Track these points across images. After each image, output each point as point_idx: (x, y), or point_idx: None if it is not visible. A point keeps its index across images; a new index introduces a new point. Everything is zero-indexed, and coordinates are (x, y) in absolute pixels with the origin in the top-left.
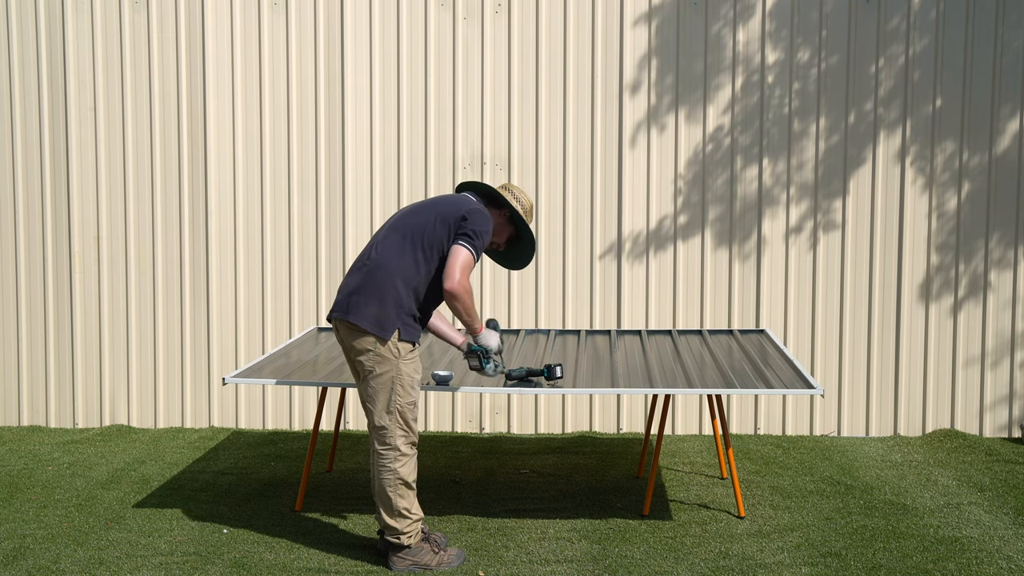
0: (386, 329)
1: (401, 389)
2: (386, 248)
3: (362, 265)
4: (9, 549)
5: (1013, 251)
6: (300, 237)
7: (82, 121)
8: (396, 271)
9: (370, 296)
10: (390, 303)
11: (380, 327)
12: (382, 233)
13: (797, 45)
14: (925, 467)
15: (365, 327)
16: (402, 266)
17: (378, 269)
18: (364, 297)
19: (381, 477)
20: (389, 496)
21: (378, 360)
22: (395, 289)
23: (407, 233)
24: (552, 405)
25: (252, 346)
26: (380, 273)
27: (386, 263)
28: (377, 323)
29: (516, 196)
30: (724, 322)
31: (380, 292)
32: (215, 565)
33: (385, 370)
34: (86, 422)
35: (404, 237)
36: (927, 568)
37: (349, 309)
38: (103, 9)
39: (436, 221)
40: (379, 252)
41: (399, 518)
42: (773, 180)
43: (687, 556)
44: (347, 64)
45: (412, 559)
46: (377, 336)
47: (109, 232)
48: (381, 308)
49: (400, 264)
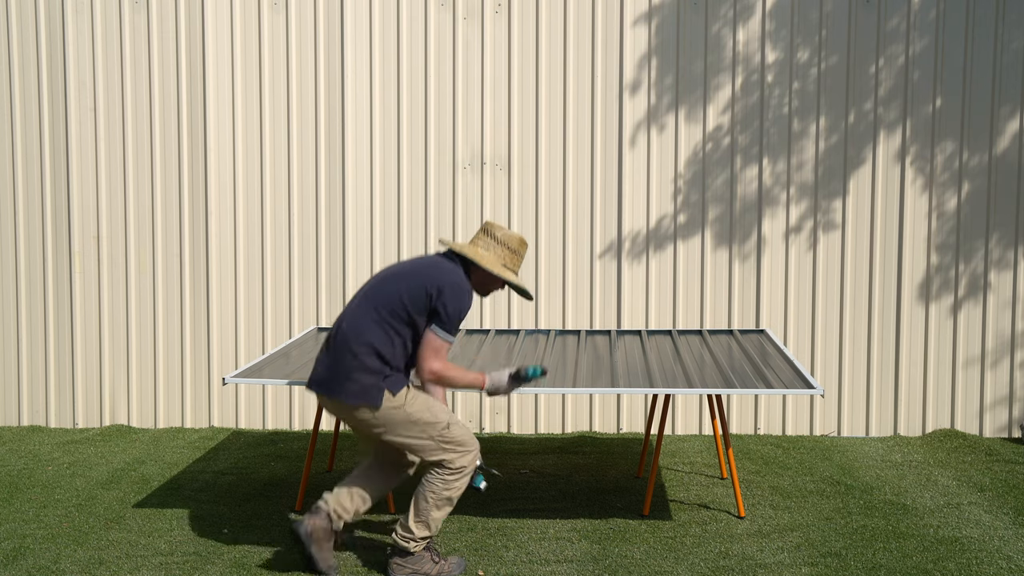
0: (373, 397)
1: (425, 424)
2: (358, 321)
3: (335, 337)
4: (9, 549)
5: (1013, 251)
6: (300, 237)
7: (82, 121)
8: (369, 344)
9: (347, 372)
10: (368, 375)
11: (367, 397)
12: (355, 301)
13: (797, 45)
14: (925, 467)
15: (352, 403)
16: (375, 339)
17: (352, 343)
18: (342, 373)
19: (431, 484)
20: (429, 504)
21: (382, 419)
22: (371, 360)
23: (379, 305)
24: (552, 405)
25: (252, 346)
26: (354, 347)
27: (358, 335)
28: (362, 395)
29: (500, 239)
30: (724, 322)
31: (357, 366)
32: (215, 565)
33: (395, 422)
34: (86, 422)
35: (376, 309)
36: (927, 568)
37: (331, 388)
38: (103, 9)
39: (410, 291)
40: (350, 326)
41: (424, 527)
42: (773, 180)
43: (687, 556)
44: (347, 64)
45: (412, 567)
46: (367, 405)
47: (109, 232)
48: (361, 382)
49: (372, 337)
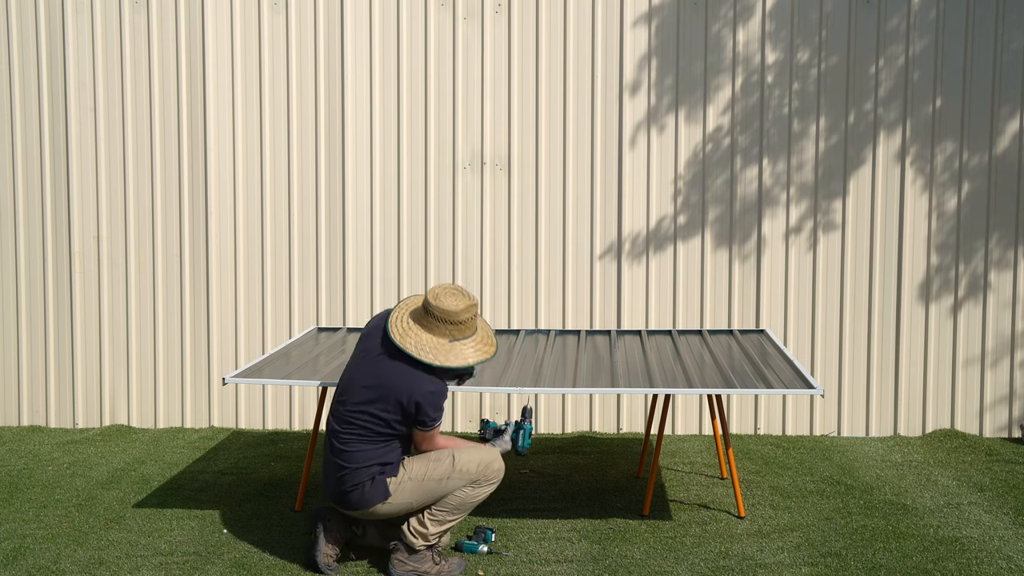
0: (381, 494)
1: (439, 477)
2: (349, 441)
3: (328, 448)
4: (9, 549)
5: (1013, 251)
6: (300, 237)
7: (82, 121)
8: (366, 459)
9: (354, 486)
10: (372, 484)
11: (376, 499)
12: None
13: (797, 45)
14: (925, 467)
15: (364, 507)
16: (370, 454)
17: (349, 463)
18: (349, 487)
19: (456, 491)
20: (446, 508)
21: (401, 500)
22: (364, 471)
23: (366, 422)
24: (552, 405)
25: (252, 346)
26: (353, 466)
27: (353, 457)
28: (372, 498)
29: (441, 317)
30: (724, 322)
31: (361, 479)
32: (215, 565)
33: (407, 489)
34: (86, 422)
35: (363, 426)
36: (927, 568)
37: (348, 503)
38: (103, 9)
39: (387, 409)
40: (343, 442)
41: (437, 527)
42: (773, 180)
43: (687, 556)
44: (347, 64)
45: (413, 565)
46: (380, 502)
47: (109, 232)
48: (363, 491)
49: (368, 454)
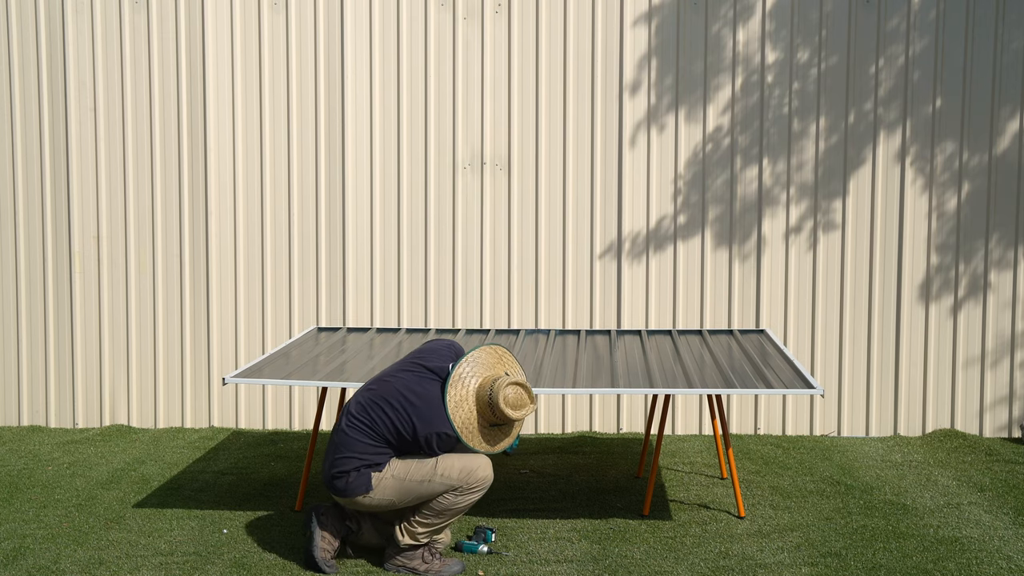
0: (363, 486)
1: (420, 479)
2: (357, 427)
3: (338, 432)
4: (9, 549)
5: (1013, 251)
6: (300, 237)
7: (82, 121)
8: (361, 451)
9: (342, 472)
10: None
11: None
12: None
13: (797, 45)
14: (925, 467)
15: (348, 495)
16: (367, 448)
17: (345, 449)
18: (338, 472)
19: (443, 495)
20: (435, 509)
21: (376, 496)
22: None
23: (379, 418)
24: (552, 405)
25: (252, 346)
26: (347, 453)
27: (352, 444)
28: (355, 488)
29: (497, 407)
30: (724, 322)
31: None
32: (215, 565)
33: (389, 486)
34: (86, 422)
35: (375, 420)
36: (927, 568)
37: (335, 488)
38: (103, 9)
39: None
40: (351, 425)
41: (425, 529)
42: (773, 180)
43: (687, 556)
44: (347, 64)
45: (403, 561)
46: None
47: (109, 232)
48: (347, 480)
49: (364, 447)
